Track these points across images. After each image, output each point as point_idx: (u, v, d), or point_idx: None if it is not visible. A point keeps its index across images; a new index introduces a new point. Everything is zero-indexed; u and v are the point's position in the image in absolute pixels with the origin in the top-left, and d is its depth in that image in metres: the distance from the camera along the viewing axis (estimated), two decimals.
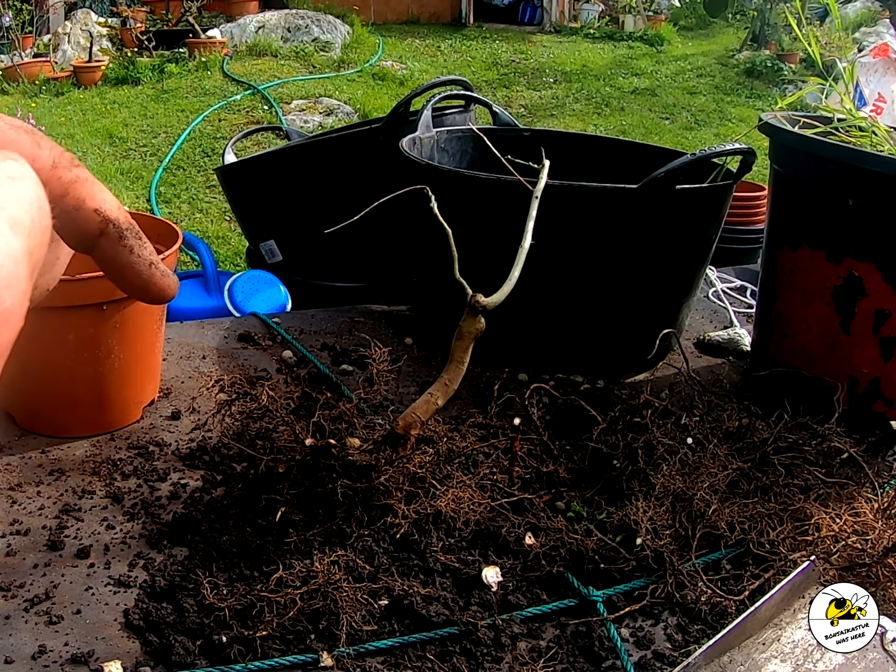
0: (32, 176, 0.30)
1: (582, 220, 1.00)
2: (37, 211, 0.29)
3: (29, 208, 0.28)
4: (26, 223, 0.28)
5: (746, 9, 9.44)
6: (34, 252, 0.28)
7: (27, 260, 0.27)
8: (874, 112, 5.76)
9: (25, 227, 0.28)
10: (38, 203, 0.29)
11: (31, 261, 0.28)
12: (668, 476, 0.80)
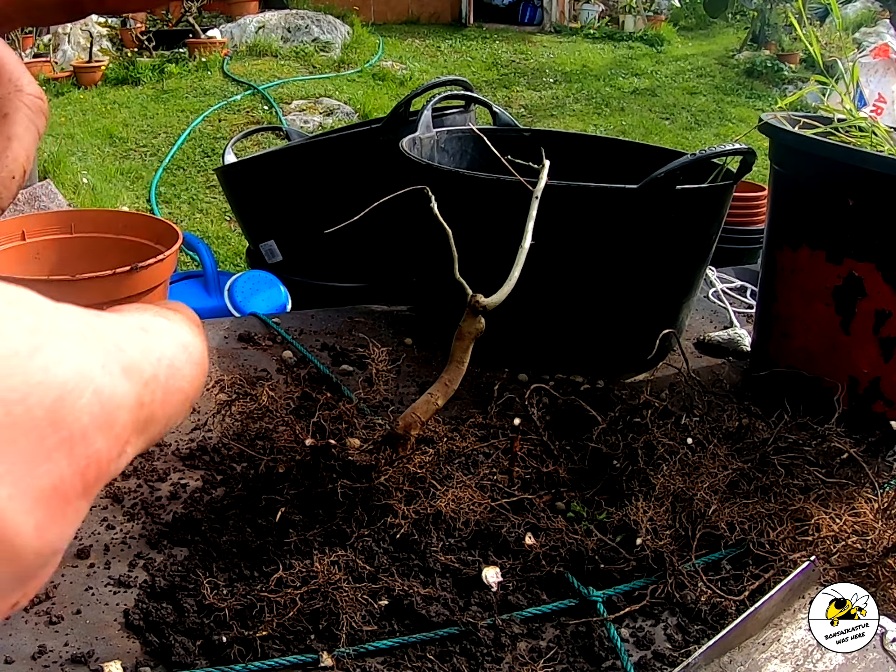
0: (180, 338, 0.30)
1: (582, 221, 1.00)
2: (165, 369, 0.29)
3: (155, 363, 0.28)
4: (145, 374, 0.28)
5: (746, 9, 9.44)
6: (147, 407, 0.28)
7: (134, 411, 0.27)
8: (874, 112, 5.76)
9: (144, 376, 0.27)
10: (171, 363, 0.29)
11: (141, 413, 0.27)
12: (668, 476, 0.80)
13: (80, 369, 0.24)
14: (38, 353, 0.23)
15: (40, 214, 1.01)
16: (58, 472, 0.24)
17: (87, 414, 0.24)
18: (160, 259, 0.88)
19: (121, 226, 1.01)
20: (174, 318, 0.31)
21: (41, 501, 0.23)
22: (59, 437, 0.23)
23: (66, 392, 0.23)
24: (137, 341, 0.28)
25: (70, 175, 4.71)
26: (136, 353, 0.27)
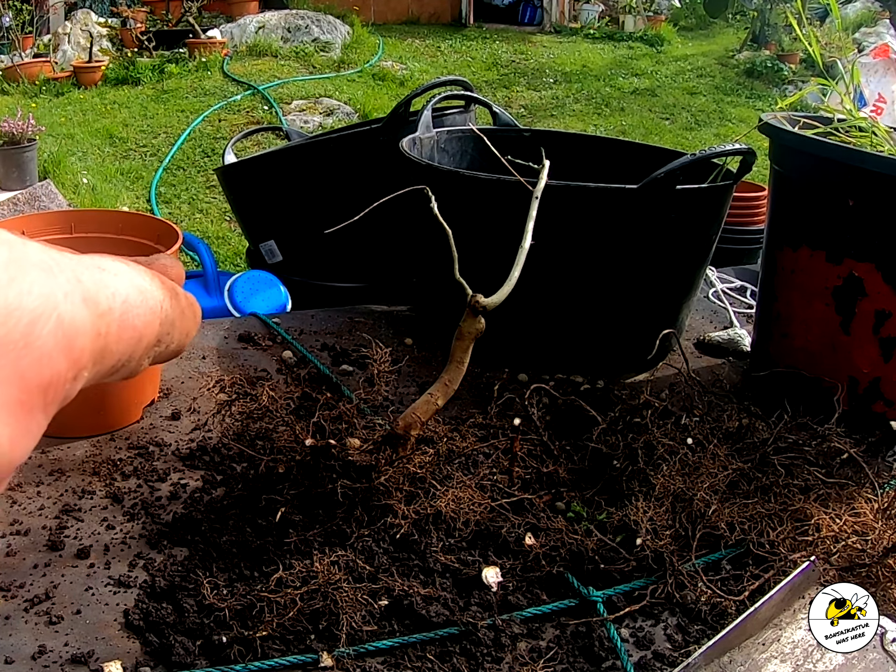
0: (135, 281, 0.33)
1: (582, 221, 1.00)
2: (120, 305, 0.31)
3: (111, 296, 0.31)
4: (102, 305, 0.30)
5: (746, 9, 9.44)
6: (102, 336, 0.30)
7: (91, 338, 0.29)
8: (874, 112, 5.76)
9: (100, 308, 0.30)
10: (126, 300, 0.32)
11: (97, 343, 0.30)
12: (668, 476, 0.80)
13: (47, 297, 0.27)
14: (13, 283, 0.26)
15: (40, 214, 1.01)
16: (26, 388, 0.26)
17: (52, 336, 0.26)
18: None
19: (121, 226, 1.01)
20: (135, 267, 0.33)
21: (13, 415, 0.26)
22: (31, 358, 0.26)
23: (35, 317, 0.26)
24: (94, 276, 0.30)
25: (70, 175, 4.72)
26: (92, 285, 0.30)
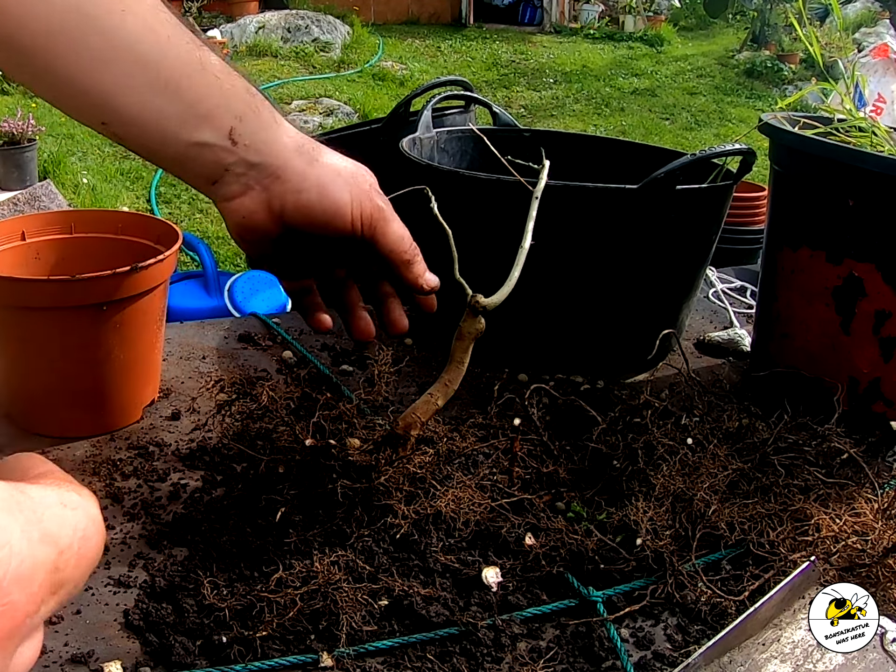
0: (90, 512, 0.35)
1: (582, 221, 1.00)
2: (78, 540, 0.33)
3: (71, 533, 0.33)
4: (61, 543, 0.32)
5: (746, 9, 9.45)
6: (61, 571, 0.32)
7: (49, 573, 0.31)
8: (874, 112, 5.76)
9: (59, 545, 0.32)
10: (84, 534, 0.34)
11: (55, 576, 0.31)
12: (668, 476, 0.80)
13: (3, 533, 0.28)
14: None
15: (40, 214, 1.01)
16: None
17: (4, 567, 0.28)
18: (160, 259, 0.88)
19: (121, 226, 1.01)
20: (83, 493, 0.36)
21: None
22: None
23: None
24: (56, 514, 0.33)
25: (70, 175, 4.72)
26: (55, 525, 0.32)
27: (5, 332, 0.88)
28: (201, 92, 0.61)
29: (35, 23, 0.54)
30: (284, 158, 0.65)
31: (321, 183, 0.65)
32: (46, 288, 0.84)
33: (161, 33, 0.59)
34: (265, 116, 0.65)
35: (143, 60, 0.58)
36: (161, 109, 0.60)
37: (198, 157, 0.63)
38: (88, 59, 0.56)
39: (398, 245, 0.69)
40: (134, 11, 0.58)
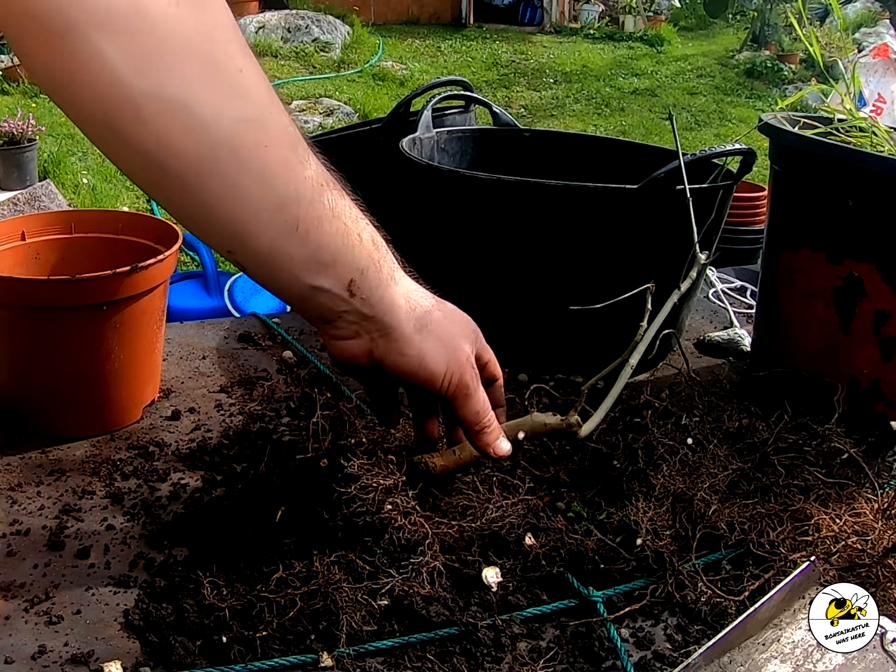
0: None
1: (582, 221, 1.00)
2: None
3: None
4: None
5: (746, 9, 9.45)
6: None
7: None
8: (874, 112, 5.76)
9: None
10: None
11: None
12: (668, 476, 0.80)
13: None
14: None
15: (40, 214, 1.01)
16: None
17: None
18: (160, 259, 0.88)
19: (121, 226, 1.01)
20: None
21: None
22: None
23: None
24: None
25: (70, 175, 4.72)
26: None
27: (5, 332, 0.88)
28: (328, 240, 0.62)
29: (187, 151, 0.54)
30: (396, 320, 0.67)
31: (423, 353, 0.68)
32: (46, 288, 0.84)
33: (298, 173, 0.59)
34: (385, 272, 0.66)
35: (278, 201, 0.59)
36: (287, 251, 0.61)
37: (315, 299, 0.64)
38: (226, 191, 0.57)
39: (473, 417, 0.72)
40: (275, 146, 0.58)
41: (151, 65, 0.51)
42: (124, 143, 0.54)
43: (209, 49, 0.54)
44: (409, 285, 0.69)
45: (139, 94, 0.52)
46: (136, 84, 0.51)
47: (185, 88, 0.53)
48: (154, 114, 0.52)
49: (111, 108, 0.52)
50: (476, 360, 0.74)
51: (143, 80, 0.51)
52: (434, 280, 0.76)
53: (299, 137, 0.61)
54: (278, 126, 0.59)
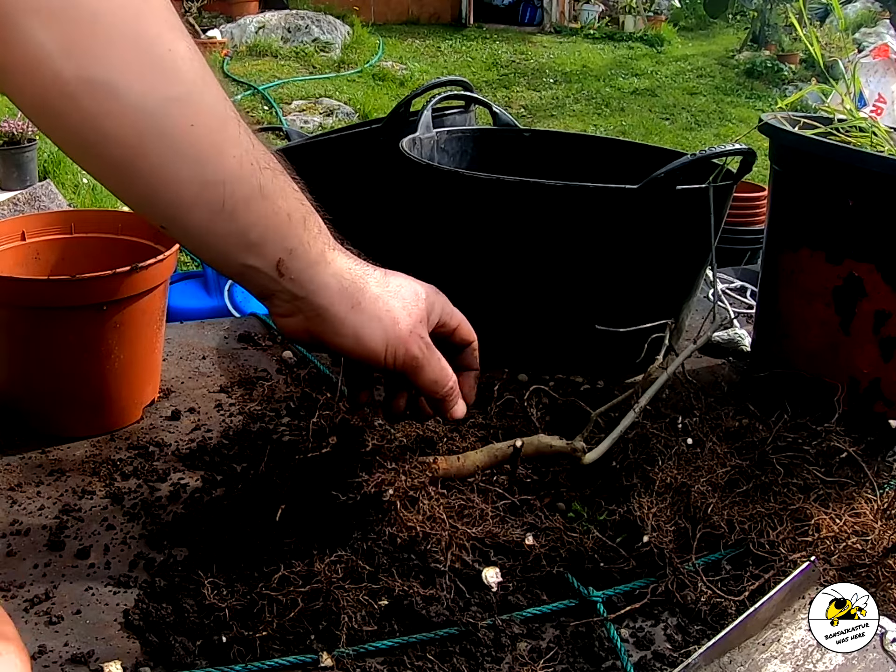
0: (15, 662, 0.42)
1: (582, 221, 1.00)
2: None
3: None
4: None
5: (746, 9, 9.45)
6: None
7: None
8: (874, 112, 5.76)
9: None
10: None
11: None
12: (668, 476, 0.80)
13: None
14: None
15: (40, 214, 1.01)
16: None
17: None
18: (160, 259, 0.88)
19: (120, 226, 1.01)
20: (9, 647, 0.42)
21: None
22: None
23: None
24: None
25: (70, 175, 4.71)
26: None
27: (5, 332, 0.88)
28: (256, 220, 0.62)
29: (116, 132, 0.55)
30: (328, 300, 0.67)
31: (357, 332, 0.68)
32: (46, 288, 0.84)
33: (226, 152, 0.59)
34: (315, 253, 0.66)
35: (204, 180, 0.59)
36: (215, 229, 0.61)
37: (248, 277, 0.65)
38: (154, 171, 0.57)
39: (431, 386, 0.72)
40: (202, 125, 0.58)
41: (80, 47, 0.52)
42: (57, 123, 0.55)
43: (137, 28, 0.55)
44: (342, 264, 0.68)
45: (69, 76, 0.52)
46: (66, 66, 0.52)
47: (112, 70, 0.53)
48: (83, 96, 0.53)
49: (46, 91, 0.53)
50: (441, 326, 0.74)
51: (71, 62, 0.52)
52: (434, 280, 0.76)
53: (231, 116, 0.60)
54: (207, 105, 0.59)
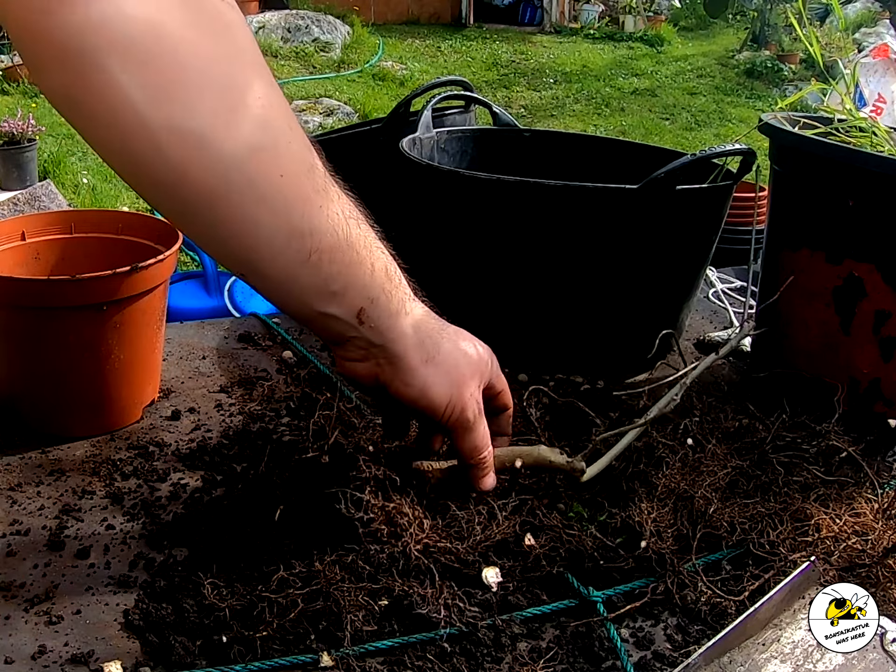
0: None
1: (581, 221, 1.00)
2: None
3: None
4: None
5: (746, 9, 9.45)
6: None
7: None
8: (874, 112, 5.76)
9: None
10: None
11: None
12: (669, 476, 0.80)
13: None
14: None
15: (40, 214, 1.01)
16: None
17: None
18: (160, 259, 0.88)
19: (120, 226, 1.01)
20: None
21: None
22: None
23: None
24: None
25: (70, 175, 4.72)
26: None
27: (5, 332, 0.88)
28: (341, 269, 0.62)
29: (204, 181, 0.54)
30: (403, 349, 0.67)
31: (426, 385, 0.69)
32: (46, 288, 0.84)
33: (314, 202, 0.59)
34: (396, 302, 0.66)
35: (292, 231, 0.58)
36: (298, 279, 0.61)
37: (325, 324, 0.65)
38: (241, 219, 0.57)
39: (470, 452, 0.73)
40: (291, 174, 0.57)
41: (168, 95, 0.51)
42: (141, 171, 0.54)
43: (227, 77, 0.54)
44: (420, 315, 0.69)
45: (156, 126, 0.51)
46: (153, 115, 0.50)
47: (202, 120, 0.52)
48: (171, 146, 0.52)
49: (127, 137, 0.51)
50: (488, 389, 0.75)
51: (159, 111, 0.51)
52: (434, 280, 0.76)
53: (317, 165, 0.60)
54: (296, 155, 0.58)
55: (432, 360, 0.69)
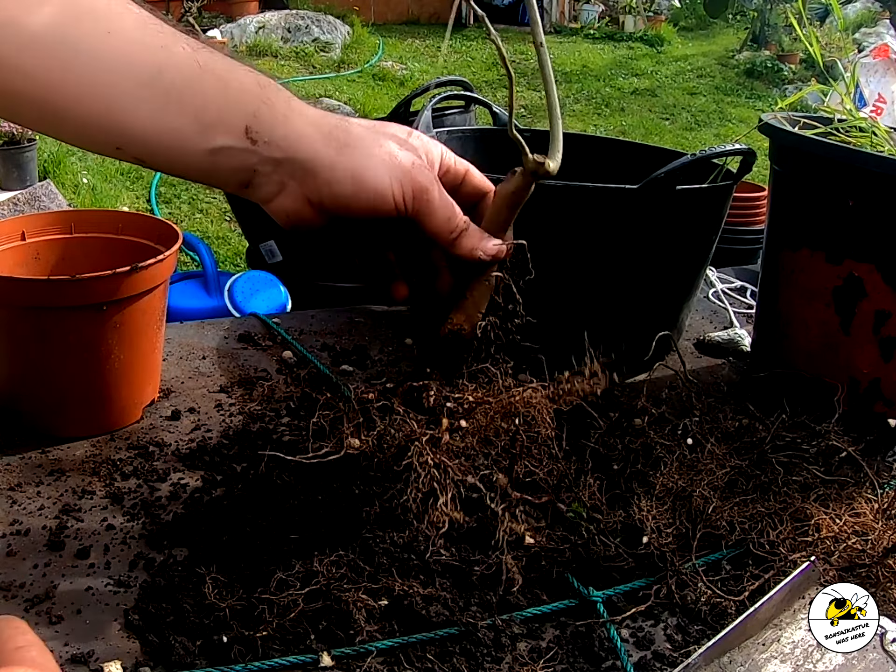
0: None
1: (581, 221, 1.00)
2: None
3: None
4: None
5: (746, 9, 9.45)
6: None
7: None
8: (874, 112, 5.76)
9: None
10: None
11: None
12: (668, 476, 0.80)
13: None
14: None
15: (40, 214, 1.01)
16: None
17: None
18: (160, 259, 0.88)
19: (121, 226, 1.01)
20: None
21: None
22: None
23: None
24: None
25: (70, 175, 4.71)
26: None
27: (5, 332, 0.88)
28: (206, 97, 0.59)
29: (28, 63, 0.53)
30: (311, 150, 0.61)
31: (354, 171, 0.62)
32: (46, 288, 0.84)
33: (152, 45, 0.58)
34: (281, 107, 0.62)
35: (140, 77, 0.57)
36: (169, 123, 0.58)
37: (221, 163, 0.61)
38: (87, 86, 0.55)
39: (445, 225, 0.66)
40: (119, 29, 0.57)
41: None
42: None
43: None
44: (315, 113, 0.63)
45: None
46: None
47: (8, 7, 0.52)
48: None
49: None
50: (446, 173, 0.68)
51: None
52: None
53: (149, 18, 0.59)
54: (117, 13, 0.57)
55: (347, 146, 0.62)
